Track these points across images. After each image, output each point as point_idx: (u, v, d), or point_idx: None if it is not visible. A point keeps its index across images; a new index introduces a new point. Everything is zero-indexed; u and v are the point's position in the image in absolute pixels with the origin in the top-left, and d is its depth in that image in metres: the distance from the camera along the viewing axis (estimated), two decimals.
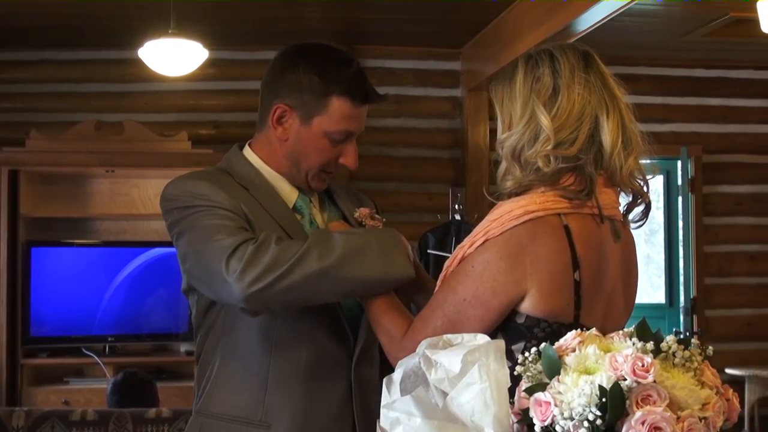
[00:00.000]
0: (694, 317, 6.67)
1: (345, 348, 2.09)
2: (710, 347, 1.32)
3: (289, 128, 2.11)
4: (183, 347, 5.96)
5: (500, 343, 1.29)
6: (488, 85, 6.31)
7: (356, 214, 2.20)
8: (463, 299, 1.75)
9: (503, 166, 1.89)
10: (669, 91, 6.63)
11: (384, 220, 2.22)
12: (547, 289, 1.74)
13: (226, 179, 2.11)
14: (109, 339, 5.83)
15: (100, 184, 6.03)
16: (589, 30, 4.91)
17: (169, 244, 5.89)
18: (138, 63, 5.83)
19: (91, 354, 5.67)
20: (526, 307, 1.74)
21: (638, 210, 1.92)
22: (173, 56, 4.76)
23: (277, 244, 1.91)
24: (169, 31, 4.71)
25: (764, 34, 5.02)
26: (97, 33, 5.95)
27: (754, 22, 5.20)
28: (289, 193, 2.17)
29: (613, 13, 4.66)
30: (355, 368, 2.10)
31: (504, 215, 1.76)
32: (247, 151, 2.20)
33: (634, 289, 1.96)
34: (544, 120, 1.80)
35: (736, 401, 1.31)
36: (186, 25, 4.86)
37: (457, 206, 6.10)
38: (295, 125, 2.10)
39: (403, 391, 1.29)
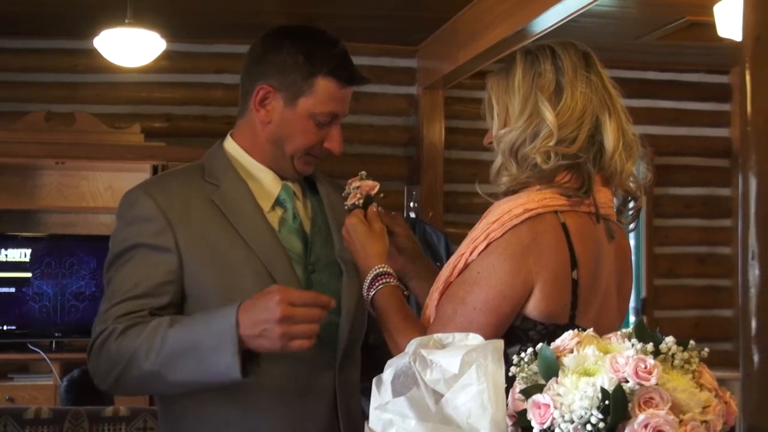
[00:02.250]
0: (644, 318, 6.73)
1: (326, 355, 2.04)
2: (706, 348, 1.32)
3: (273, 110, 2.06)
4: None
5: (498, 343, 1.27)
6: (444, 83, 6.32)
7: (344, 193, 2.12)
8: (474, 308, 1.71)
9: (498, 162, 1.85)
10: (621, 93, 6.65)
11: (372, 189, 2.12)
12: (550, 289, 1.71)
13: (195, 180, 2.07)
14: (56, 335, 5.71)
15: (50, 176, 5.91)
16: (547, 30, 4.92)
17: None
18: (90, 53, 5.72)
19: (37, 350, 5.53)
20: (528, 307, 1.71)
21: (630, 212, 1.91)
22: (130, 46, 4.67)
23: (120, 337, 1.88)
24: (126, 21, 4.62)
25: (717, 37, 5.07)
26: (48, 21, 5.82)
27: (709, 26, 5.25)
28: (273, 186, 2.11)
29: (573, 14, 4.67)
30: (339, 373, 2.06)
31: (503, 215, 1.72)
32: (229, 143, 2.15)
33: (628, 292, 1.94)
34: (549, 116, 1.77)
35: (733, 404, 1.31)
36: (142, 15, 4.78)
37: (412, 204, 6.08)
38: (279, 107, 2.05)
39: (395, 392, 1.26)
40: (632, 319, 6.86)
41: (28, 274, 5.69)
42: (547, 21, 4.80)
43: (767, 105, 2.83)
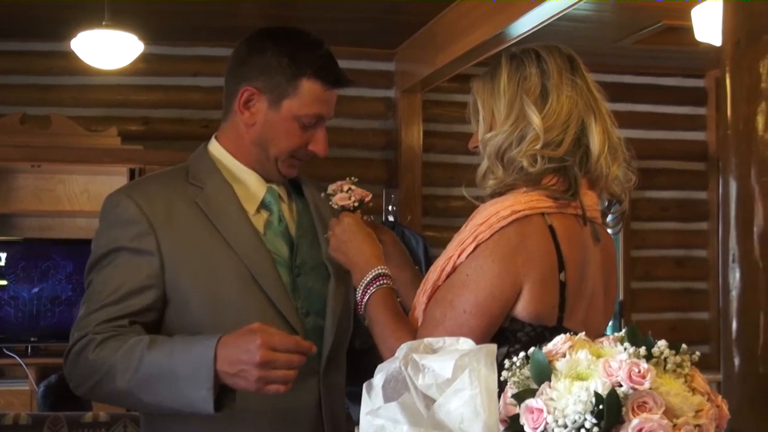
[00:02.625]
0: (621, 320, 6.76)
1: (310, 360, 1.98)
2: (697, 352, 1.32)
3: (257, 112, 2.04)
4: None
5: (491, 347, 1.26)
6: (422, 86, 6.32)
7: (322, 194, 2.10)
8: (464, 311, 1.70)
9: (484, 165, 1.85)
10: (606, 97, 6.68)
11: (367, 196, 2.11)
12: (538, 290, 1.71)
13: (178, 182, 2.05)
14: (32, 339, 5.65)
15: (25, 179, 5.85)
16: (525, 34, 4.94)
17: None
18: (66, 55, 5.67)
19: (13, 355, 5.47)
20: (517, 309, 1.71)
21: (615, 215, 1.91)
22: (107, 48, 4.63)
23: (98, 347, 1.86)
24: (103, 23, 4.58)
25: (694, 41, 5.10)
26: (24, 23, 5.76)
27: (686, 30, 5.28)
28: (257, 188, 2.09)
29: (551, 18, 4.69)
30: (324, 378, 2.04)
31: (491, 217, 1.72)
32: (213, 145, 2.13)
33: (613, 295, 1.95)
34: (536, 119, 1.77)
35: (725, 408, 1.31)
36: (120, 17, 4.74)
37: (390, 207, 6.08)
38: (263, 109, 2.03)
39: (386, 397, 1.25)
40: (609, 322, 6.88)
41: (4, 280, 5.63)
42: (525, 25, 4.82)
43: (747, 108, 2.84)
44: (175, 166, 2.14)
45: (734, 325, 2.85)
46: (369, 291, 1.90)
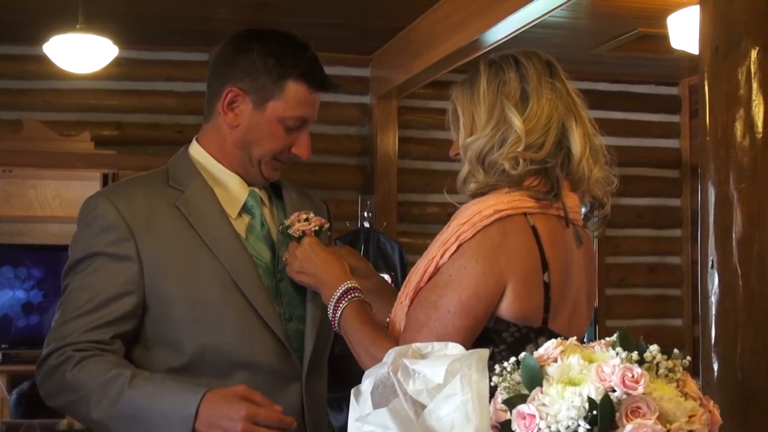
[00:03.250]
0: (596, 327, 6.78)
1: (291, 366, 2.00)
2: (688, 357, 1.31)
3: (241, 113, 2.01)
4: None
5: (483, 352, 1.25)
6: (398, 92, 6.32)
7: (280, 227, 2.06)
8: (447, 311, 1.69)
9: (465, 169, 1.84)
10: (585, 104, 6.70)
11: (323, 221, 2.11)
12: (521, 290, 1.70)
13: (158, 185, 2.02)
14: (3, 346, 5.59)
15: None
16: (501, 41, 4.95)
17: (65, 248, 5.69)
18: (38, 59, 5.61)
19: None
20: (501, 308, 1.70)
21: (596, 219, 1.91)
22: (81, 52, 4.59)
23: (76, 367, 1.84)
24: (77, 27, 4.54)
25: (669, 49, 5.13)
26: None
27: (661, 37, 5.31)
28: (239, 192, 2.06)
29: (526, 25, 4.70)
30: (306, 384, 2.01)
31: (474, 216, 1.71)
32: (194, 148, 2.10)
33: (593, 298, 1.95)
34: (517, 122, 1.77)
35: (717, 413, 1.30)
36: (93, 21, 4.70)
37: (366, 214, 6.07)
38: (248, 110, 2.00)
39: (374, 403, 1.23)
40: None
41: None
42: (500, 32, 4.83)
43: (725, 115, 2.85)
44: (155, 169, 2.10)
45: (713, 331, 2.86)
46: (341, 306, 1.89)
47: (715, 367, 2.80)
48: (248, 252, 2.01)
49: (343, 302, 1.88)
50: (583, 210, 1.91)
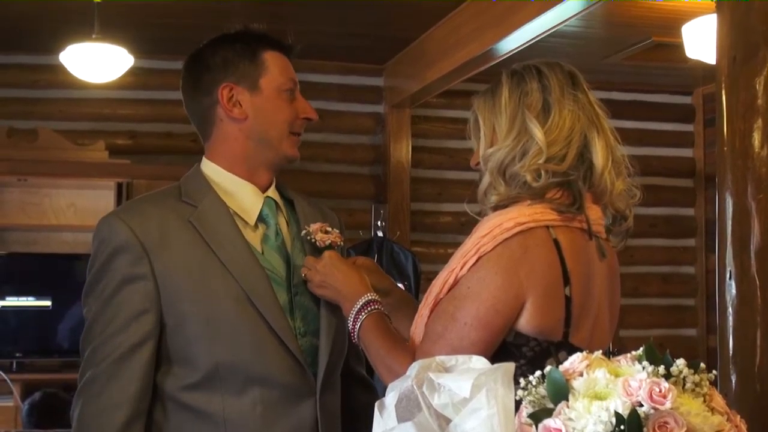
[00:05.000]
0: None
1: (305, 382, 1.99)
2: (714, 371, 1.30)
3: (244, 102, 2.03)
4: None
5: (509, 366, 1.24)
6: (411, 102, 6.32)
7: (303, 232, 2.08)
8: (464, 323, 1.68)
9: (486, 180, 1.83)
10: (608, 114, 6.69)
11: (341, 237, 2.13)
12: (542, 304, 1.69)
13: (171, 202, 2.03)
14: (17, 355, 5.59)
15: (11, 193, 5.80)
16: (515, 51, 4.94)
17: (79, 257, 5.69)
18: (53, 68, 5.63)
19: None
20: (520, 323, 1.69)
21: (619, 232, 1.89)
22: (97, 62, 4.60)
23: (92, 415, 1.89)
24: (93, 36, 4.55)
25: (683, 58, 5.12)
26: (10, 36, 5.72)
27: (675, 46, 5.30)
28: (254, 200, 2.06)
29: (540, 35, 4.69)
30: (320, 398, 2.00)
31: (494, 229, 1.70)
32: (205, 164, 2.11)
33: (617, 310, 1.93)
34: (538, 133, 1.76)
35: (744, 427, 1.29)
36: (109, 30, 4.71)
37: (379, 223, 6.06)
38: (247, 98, 2.03)
39: (399, 417, 1.23)
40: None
41: None
42: (514, 41, 4.82)
43: (743, 125, 2.84)
44: (168, 186, 2.11)
45: (731, 343, 2.85)
46: (360, 318, 1.89)
47: (733, 378, 2.78)
48: (262, 267, 2.00)
49: (363, 314, 1.88)
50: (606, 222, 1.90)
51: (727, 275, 2.83)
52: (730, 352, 2.84)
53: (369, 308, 1.89)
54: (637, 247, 6.95)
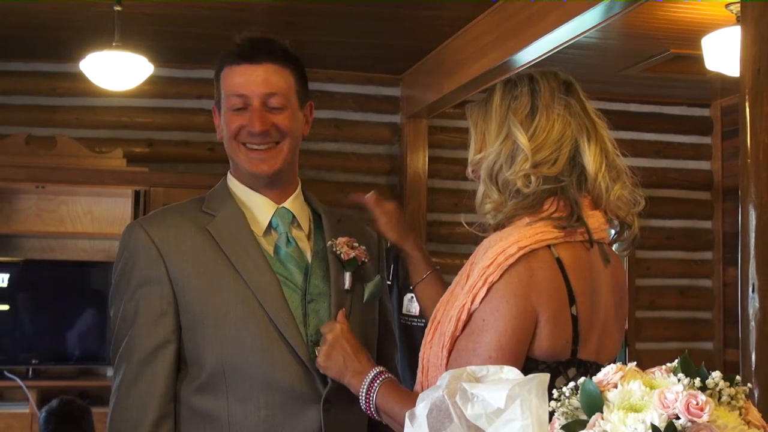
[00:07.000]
0: (627, 350, 6.72)
1: (313, 389, 1.98)
2: (749, 384, 1.28)
3: (218, 125, 2.12)
4: (109, 371, 5.74)
5: (544, 377, 1.23)
6: (428, 112, 6.31)
7: (329, 243, 2.10)
8: (489, 357, 1.64)
9: (481, 189, 1.83)
10: (609, 126, 6.67)
11: (366, 254, 2.12)
12: (551, 329, 1.67)
13: (192, 212, 2.09)
14: (33, 362, 5.60)
15: (28, 200, 5.82)
16: (533, 62, 4.93)
17: (96, 264, 5.69)
18: (71, 76, 5.66)
19: (14, 377, 5.41)
20: (532, 348, 1.67)
21: (624, 241, 1.87)
22: (117, 70, 4.61)
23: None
24: (114, 44, 4.57)
25: (701, 70, 5.10)
26: (29, 44, 5.74)
27: (694, 58, 5.29)
28: (265, 210, 2.11)
29: (558, 46, 4.68)
30: (325, 406, 1.97)
31: (498, 256, 1.68)
32: (229, 178, 2.18)
33: (624, 316, 1.91)
34: (521, 137, 1.75)
35: None
36: (129, 38, 4.73)
37: None
38: (218, 118, 2.11)
39: (430, 428, 1.22)
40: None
41: (5, 301, 5.58)
42: (532, 53, 4.81)
43: (766, 137, 2.83)
44: (193, 198, 2.18)
45: (753, 357, 2.83)
46: (374, 387, 1.87)
47: (756, 393, 2.76)
48: (273, 271, 2.02)
49: (376, 384, 1.87)
50: (612, 232, 1.88)
51: (750, 288, 2.82)
52: (752, 366, 2.82)
53: (380, 379, 1.88)
54: (653, 260, 6.93)
